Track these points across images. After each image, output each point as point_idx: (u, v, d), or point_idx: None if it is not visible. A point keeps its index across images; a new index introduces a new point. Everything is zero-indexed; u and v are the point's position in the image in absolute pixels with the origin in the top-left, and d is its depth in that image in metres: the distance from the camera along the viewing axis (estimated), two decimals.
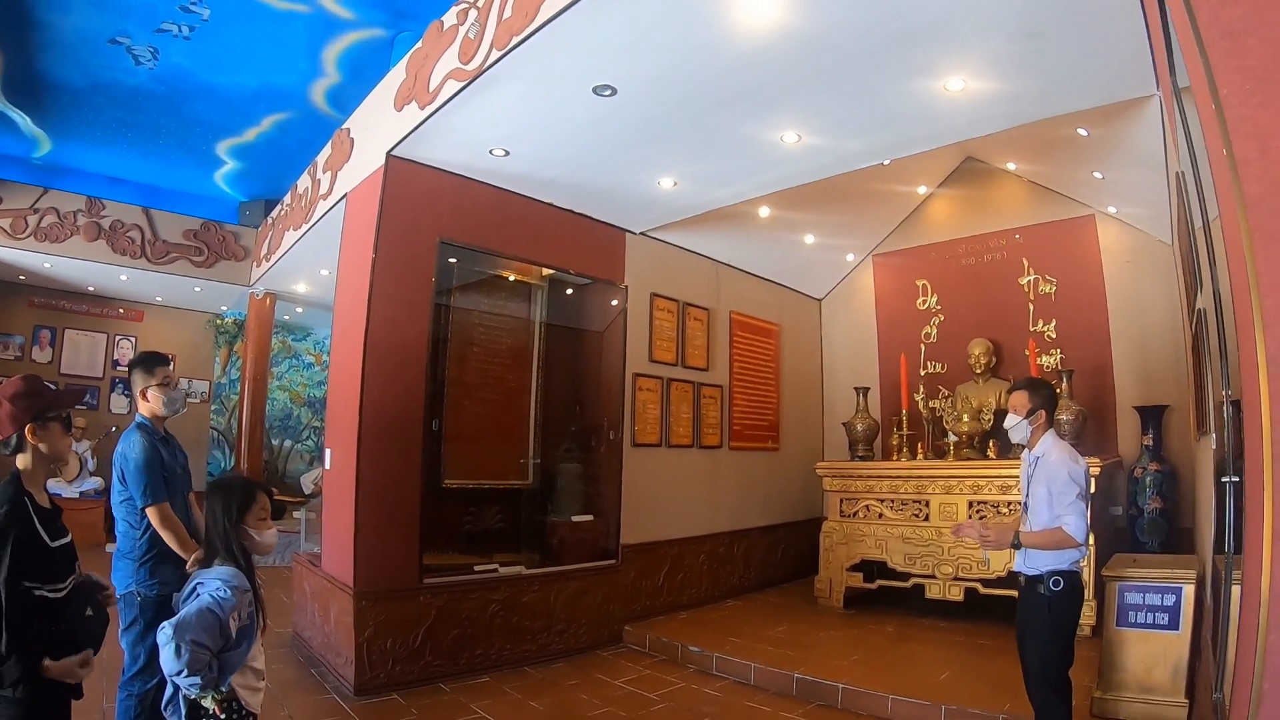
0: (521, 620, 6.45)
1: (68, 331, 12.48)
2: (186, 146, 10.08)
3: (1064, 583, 3.85)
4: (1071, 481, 3.86)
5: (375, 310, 5.87)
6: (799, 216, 8.09)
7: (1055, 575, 3.84)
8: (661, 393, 7.93)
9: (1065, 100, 5.01)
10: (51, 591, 2.63)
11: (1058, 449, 4.02)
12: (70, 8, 7.13)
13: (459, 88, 5.05)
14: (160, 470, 3.85)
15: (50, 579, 2.64)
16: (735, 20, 4.10)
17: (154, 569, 3.78)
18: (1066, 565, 3.86)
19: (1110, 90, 4.81)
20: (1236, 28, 1.88)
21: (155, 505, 3.78)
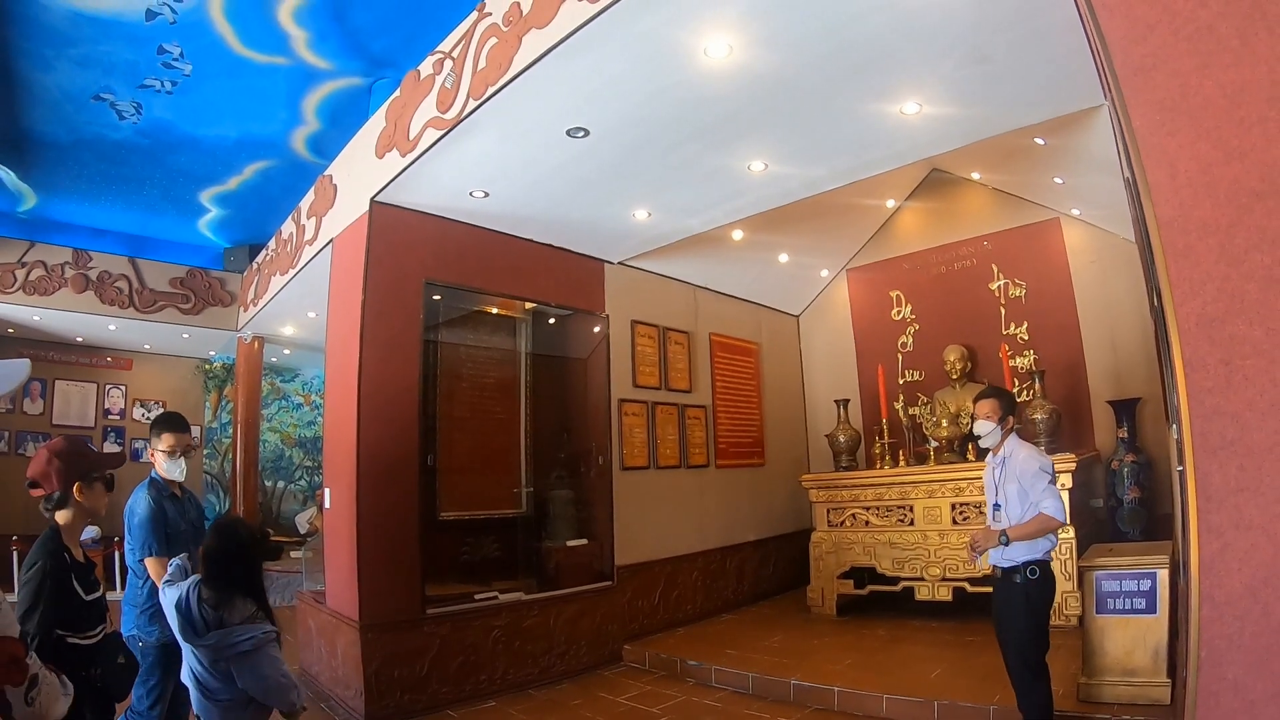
0: (523, 645, 6.60)
1: (58, 382, 12.54)
2: (170, 196, 10.19)
3: (1040, 571, 4.11)
4: (1041, 471, 4.17)
5: (367, 352, 6.03)
6: (772, 237, 8.29)
7: (1031, 565, 4.10)
8: (647, 416, 8.10)
9: (1018, 116, 5.24)
10: (83, 639, 2.79)
11: (1022, 448, 4.35)
12: (54, 66, 7.24)
13: (438, 136, 5.25)
14: (162, 526, 4.01)
15: (83, 628, 2.80)
16: (696, 63, 4.32)
17: (153, 617, 3.93)
18: (1040, 555, 4.12)
19: (1060, 103, 5.05)
20: (1146, 64, 2.13)
21: (153, 559, 3.95)
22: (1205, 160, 2.01)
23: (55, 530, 2.95)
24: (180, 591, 3.12)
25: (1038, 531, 4.09)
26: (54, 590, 2.74)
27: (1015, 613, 4.14)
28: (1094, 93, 4.68)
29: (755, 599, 9.01)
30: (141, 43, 6.81)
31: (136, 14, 6.38)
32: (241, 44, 6.80)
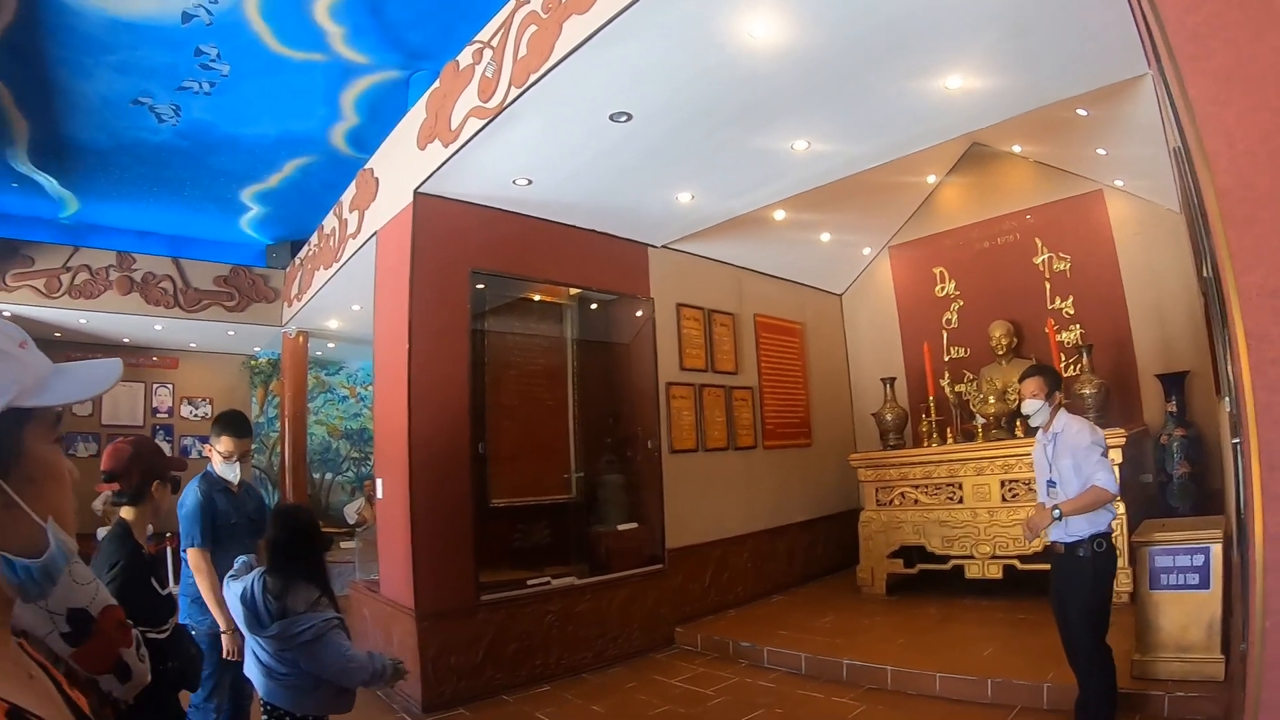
0: (577, 629, 6.65)
1: None
2: (211, 196, 10.30)
3: (1105, 544, 4.08)
4: (1094, 444, 4.13)
5: (416, 343, 6.10)
6: (814, 216, 8.23)
7: (1097, 538, 4.07)
8: (694, 399, 8.12)
9: (1059, 88, 5.17)
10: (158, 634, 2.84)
11: (1074, 421, 4.31)
12: (92, 73, 7.33)
13: (481, 125, 5.27)
14: (209, 519, 4.07)
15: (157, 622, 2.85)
16: (739, 44, 4.30)
17: (203, 607, 4.02)
18: (1104, 528, 4.08)
19: (1103, 74, 4.97)
20: (1201, 31, 2.08)
21: (195, 549, 4.02)
22: (1265, 129, 1.96)
23: (126, 526, 3.00)
24: (245, 584, 3.18)
25: (1090, 505, 4.06)
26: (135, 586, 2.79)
27: (1081, 588, 4.10)
28: (1136, 63, 4.60)
29: (804, 580, 9.00)
30: (178, 46, 6.87)
31: (173, 18, 6.44)
32: (278, 42, 6.83)
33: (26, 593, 0.94)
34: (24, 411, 0.93)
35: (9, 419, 0.91)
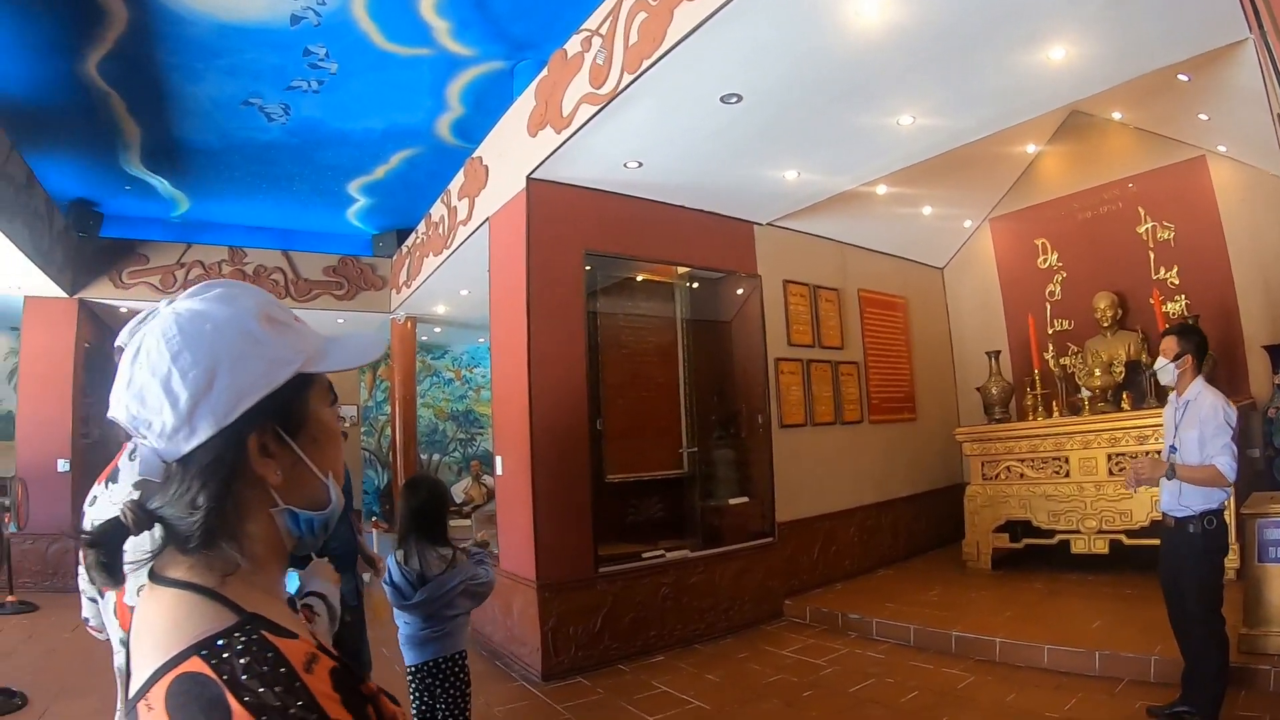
0: (690, 601, 6.81)
1: None
2: (319, 190, 10.60)
3: (1216, 521, 4.02)
4: (1225, 425, 4.02)
5: (534, 325, 6.29)
6: (915, 190, 8.19)
7: (1209, 514, 4.01)
8: (802, 374, 8.19)
9: (1161, 54, 5.08)
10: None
11: (1209, 393, 4.18)
12: (203, 77, 7.57)
13: (594, 111, 5.39)
14: None
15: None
16: (846, 23, 4.34)
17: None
18: (1217, 505, 4.03)
19: (1204, 40, 4.88)
20: None
21: None
22: None
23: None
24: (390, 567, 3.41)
25: (1204, 482, 4.00)
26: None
27: (1194, 563, 4.07)
28: (1237, 28, 4.53)
29: (909, 554, 9.02)
30: (287, 47, 7.06)
31: (281, 20, 6.62)
32: (385, 39, 7.00)
33: (302, 544, 1.04)
34: (308, 377, 1.02)
35: (297, 384, 0.99)
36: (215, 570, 0.91)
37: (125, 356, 0.95)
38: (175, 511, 0.92)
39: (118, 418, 0.95)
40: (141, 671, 0.83)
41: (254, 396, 0.94)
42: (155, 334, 0.93)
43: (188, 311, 0.95)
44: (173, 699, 0.77)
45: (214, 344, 0.93)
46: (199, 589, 0.89)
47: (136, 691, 0.82)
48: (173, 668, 0.79)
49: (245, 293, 1.02)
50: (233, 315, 0.96)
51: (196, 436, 0.91)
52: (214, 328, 0.94)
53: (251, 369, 0.94)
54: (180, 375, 0.90)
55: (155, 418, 0.91)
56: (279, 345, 0.99)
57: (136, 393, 0.92)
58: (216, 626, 0.83)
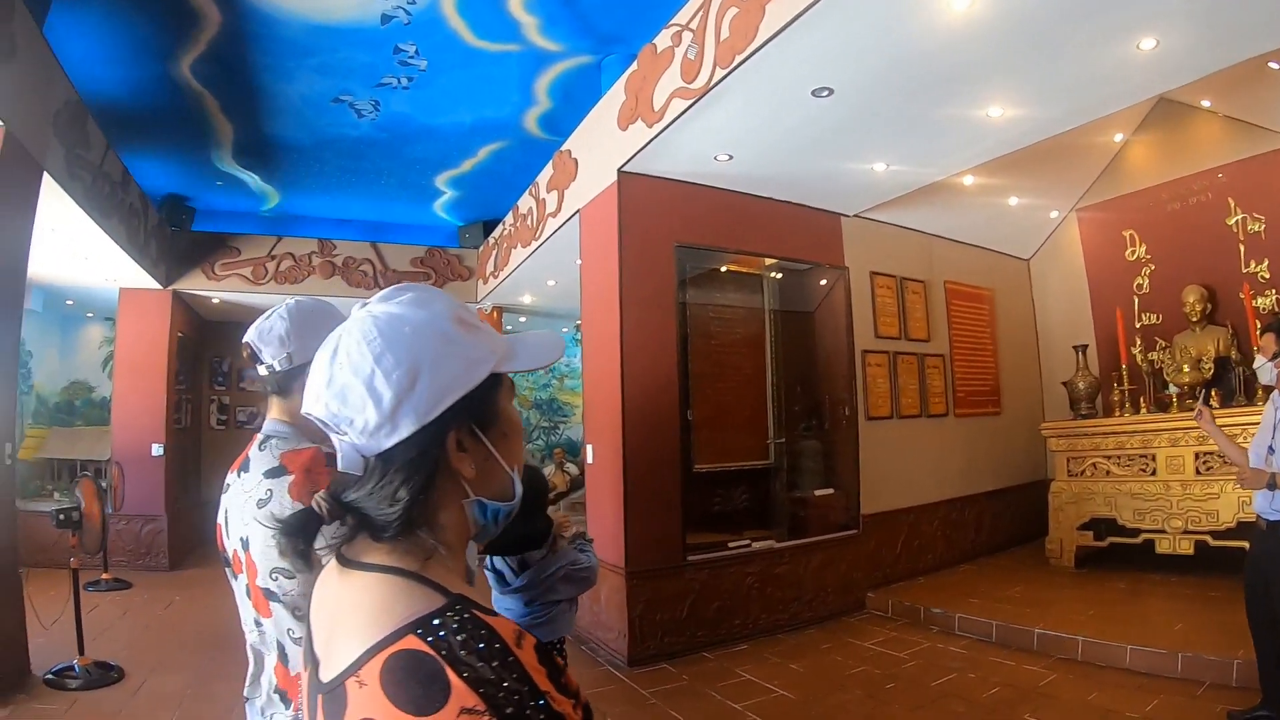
0: (774, 591, 6.86)
1: None
2: (407, 183, 10.82)
3: None
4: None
5: (627, 316, 6.39)
6: (1001, 180, 8.10)
7: None
8: (889, 366, 8.18)
9: (1253, 43, 4.93)
10: None
11: None
12: (295, 76, 7.77)
13: (685, 106, 5.45)
14: None
15: None
16: (936, 15, 4.33)
17: None
18: None
19: None
20: None
21: None
22: None
23: None
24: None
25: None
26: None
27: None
28: None
29: (992, 550, 8.94)
30: (378, 45, 7.21)
31: (372, 19, 6.77)
32: (475, 36, 7.11)
33: (485, 532, 1.10)
34: (498, 376, 1.07)
35: (489, 383, 1.04)
36: (415, 556, 0.97)
37: (321, 357, 1.02)
38: (375, 503, 0.99)
39: (316, 414, 1.01)
40: (346, 650, 0.89)
41: (454, 395, 1.00)
42: (355, 336, 1.00)
43: (385, 315, 1.02)
44: (389, 675, 0.83)
45: (414, 345, 0.99)
46: (403, 573, 0.95)
47: (345, 669, 0.88)
48: (387, 646, 0.85)
49: (437, 296, 1.08)
50: (429, 318, 1.03)
51: (398, 433, 0.97)
52: (413, 330, 1.00)
53: (451, 369, 1.01)
54: (384, 375, 0.96)
55: (358, 415, 0.97)
56: (473, 346, 1.05)
57: (338, 392, 0.98)
58: (429, 607, 0.88)
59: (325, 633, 0.98)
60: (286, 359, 1.91)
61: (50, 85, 6.30)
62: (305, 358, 1.85)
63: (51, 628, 6.29)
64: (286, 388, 1.94)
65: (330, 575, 1.03)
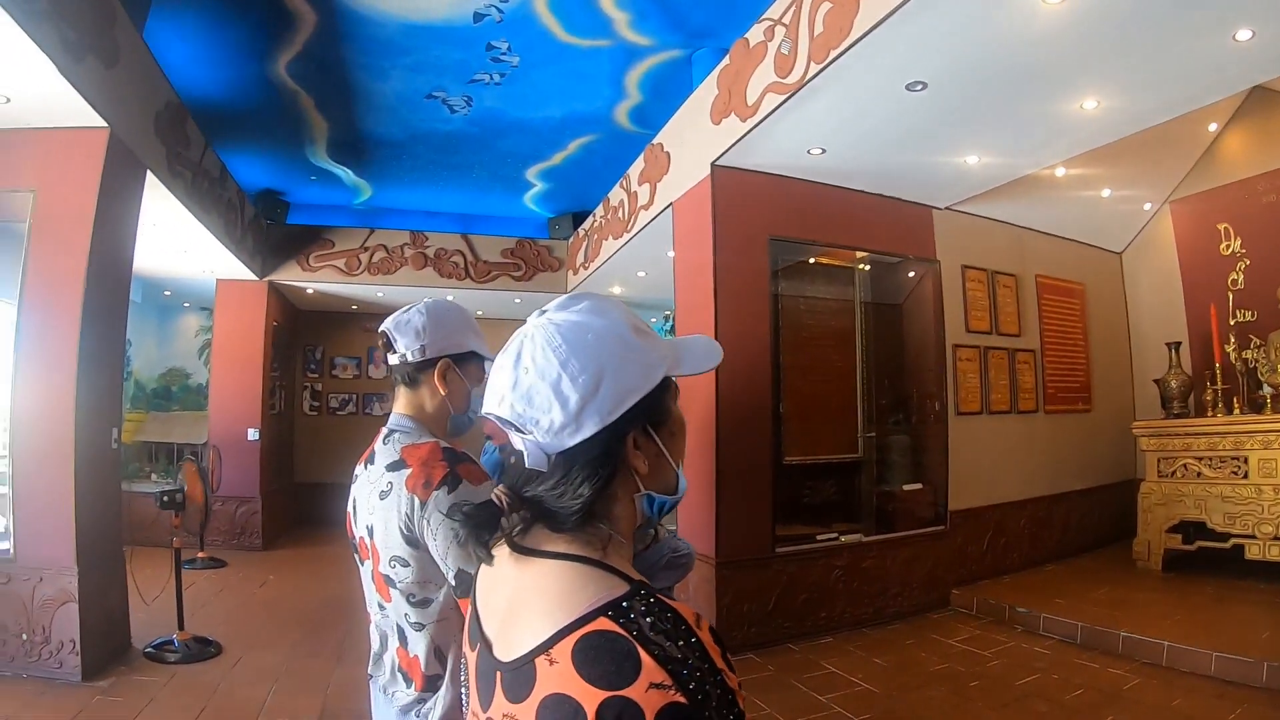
0: (860, 585, 6.88)
1: None
2: (498, 176, 11.06)
3: None
4: None
5: (721, 308, 6.46)
6: (1093, 171, 7.97)
7: None
8: (979, 361, 8.10)
9: None
10: None
11: None
12: (389, 75, 8.03)
13: (779, 101, 5.49)
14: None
15: None
16: (1032, 8, 4.28)
17: None
18: None
19: None
20: None
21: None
22: None
23: None
24: None
25: None
26: None
27: None
28: None
29: (1079, 550, 8.77)
30: (470, 43, 7.40)
31: (464, 18, 6.95)
32: (566, 32, 7.25)
33: (648, 522, 1.20)
34: (667, 379, 1.15)
35: (661, 386, 1.12)
36: (595, 545, 1.06)
37: (504, 361, 1.11)
38: (557, 496, 1.08)
39: (500, 414, 1.10)
40: (531, 632, 0.98)
41: (634, 398, 1.08)
42: (539, 342, 1.08)
43: (566, 323, 1.10)
44: (581, 653, 0.91)
45: (598, 351, 1.07)
46: (587, 560, 1.03)
47: (534, 648, 0.96)
48: (580, 627, 0.93)
49: (613, 305, 1.16)
50: (609, 325, 1.11)
51: (582, 433, 1.05)
52: (595, 337, 1.08)
53: (631, 373, 1.09)
54: (570, 379, 1.05)
55: (543, 416, 1.05)
56: (649, 351, 1.12)
57: (524, 394, 1.06)
58: (616, 592, 0.97)
59: (500, 616, 1.08)
60: (420, 350, 2.02)
61: (151, 88, 6.62)
62: (437, 351, 2.02)
63: (153, 604, 6.61)
64: (415, 379, 2.06)
65: (505, 563, 1.11)
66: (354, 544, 2.05)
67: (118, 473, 6.58)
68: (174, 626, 6.35)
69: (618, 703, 0.87)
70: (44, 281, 5.74)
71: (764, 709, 5.19)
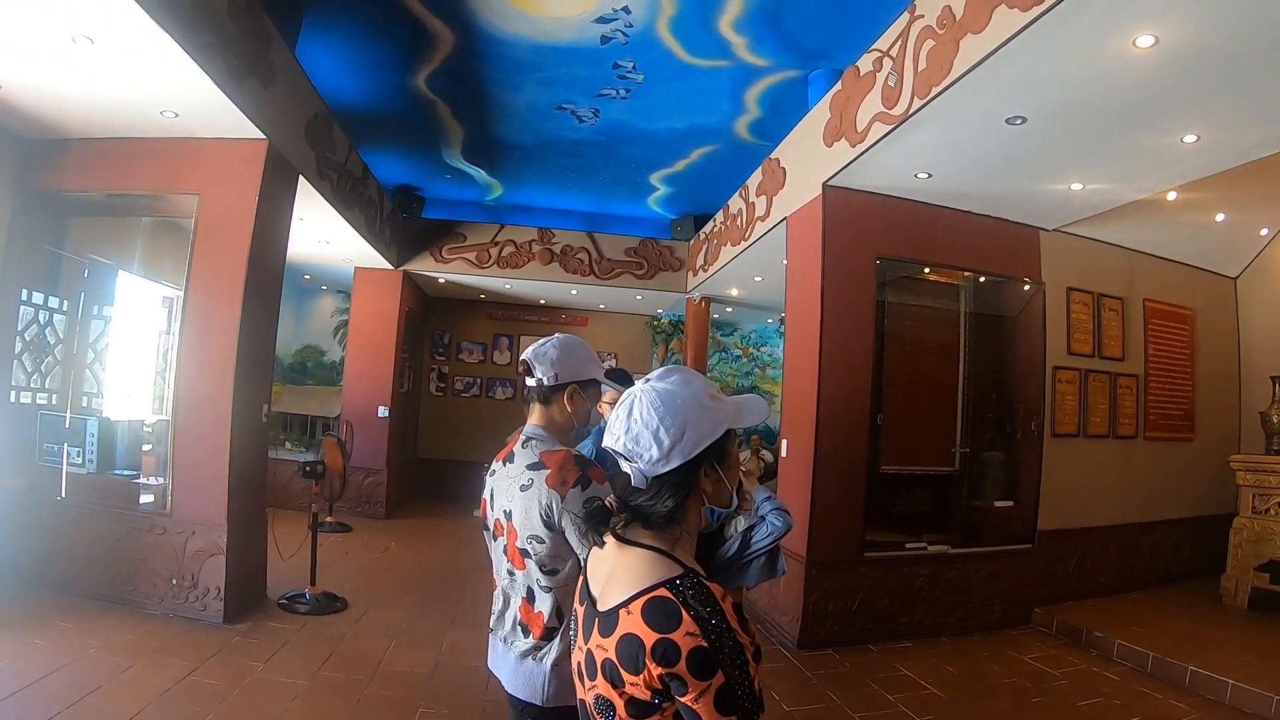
0: (942, 595, 7.10)
1: (522, 337, 15.05)
2: (623, 180, 11.51)
3: None
4: None
5: (827, 321, 6.80)
6: (1207, 195, 7.73)
7: None
8: (1079, 384, 8.10)
9: None
10: None
11: None
12: (521, 89, 8.56)
13: (886, 130, 5.76)
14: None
15: None
16: (1124, 54, 4.39)
17: None
18: None
19: None
20: None
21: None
22: None
23: None
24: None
25: None
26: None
27: None
28: None
29: (1168, 580, 8.62)
30: (598, 62, 7.83)
31: (592, 40, 7.38)
32: (687, 54, 7.55)
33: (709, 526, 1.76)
34: (731, 430, 1.61)
35: (725, 435, 1.57)
36: (668, 540, 1.54)
37: (619, 413, 1.57)
38: (650, 505, 1.54)
39: (615, 449, 1.57)
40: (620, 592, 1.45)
41: (706, 443, 1.53)
42: (645, 402, 1.53)
43: (663, 390, 1.54)
44: (647, 608, 1.38)
45: (684, 411, 1.52)
46: (660, 551, 1.51)
47: (620, 603, 1.43)
48: (648, 593, 1.40)
49: (695, 378, 1.61)
50: (692, 394, 1.55)
51: (670, 465, 1.50)
52: (683, 401, 1.53)
53: (705, 427, 1.53)
54: (665, 429, 1.50)
55: (645, 453, 1.51)
56: (719, 412, 1.57)
57: (634, 436, 1.52)
58: (674, 572, 1.44)
59: (603, 582, 1.55)
60: (554, 377, 2.52)
61: (303, 100, 7.34)
62: (568, 378, 2.56)
63: (288, 560, 7.31)
64: (548, 399, 2.56)
65: (610, 547, 1.60)
66: (487, 525, 2.59)
67: (265, 443, 7.37)
68: (306, 582, 7.07)
69: (665, 643, 1.33)
70: (209, 273, 6.51)
71: (833, 700, 5.53)
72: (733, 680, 1.33)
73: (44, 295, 7.12)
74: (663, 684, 1.34)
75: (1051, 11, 4.01)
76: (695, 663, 1.31)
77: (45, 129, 6.52)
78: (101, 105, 6.02)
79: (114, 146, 6.64)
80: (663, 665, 1.33)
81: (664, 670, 1.33)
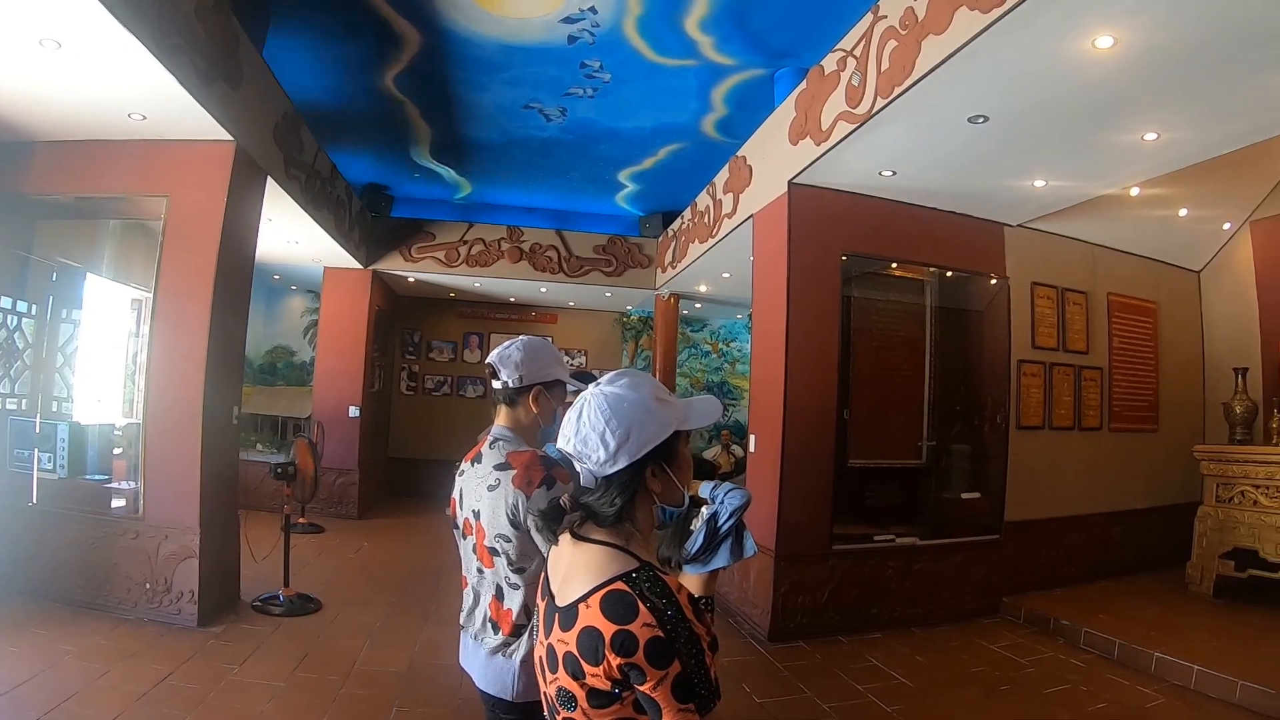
0: (912, 586, 7.18)
1: (492, 335, 14.91)
2: (591, 178, 11.55)
3: None
4: None
5: (793, 317, 6.84)
6: (1170, 190, 7.77)
7: None
8: (1044, 377, 8.17)
9: None
10: None
11: None
12: (488, 88, 8.58)
13: (850, 129, 5.81)
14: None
15: None
16: (1085, 55, 4.43)
17: None
18: None
19: None
20: None
21: None
22: None
23: None
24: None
25: None
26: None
27: None
28: None
29: (1135, 569, 8.71)
30: (565, 61, 7.87)
31: (559, 40, 7.43)
32: (654, 53, 7.60)
33: (662, 525, 1.74)
34: (679, 432, 1.67)
35: (672, 437, 1.63)
36: (622, 536, 1.60)
37: (571, 415, 1.63)
38: (600, 504, 1.61)
39: (566, 450, 1.64)
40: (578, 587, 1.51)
41: (651, 444, 1.59)
42: (593, 405, 1.59)
43: (611, 393, 1.61)
44: (605, 601, 1.44)
45: (630, 414, 1.58)
46: (615, 546, 1.57)
47: (578, 598, 1.49)
48: (605, 586, 1.47)
49: (644, 382, 1.67)
50: (639, 397, 1.62)
51: (616, 466, 1.58)
52: (629, 405, 1.59)
53: (651, 429, 1.60)
54: (611, 432, 1.56)
55: (593, 454, 1.58)
56: (665, 414, 1.63)
57: (582, 438, 1.59)
58: (630, 566, 1.50)
59: (561, 577, 1.61)
60: (518, 379, 2.57)
61: (270, 102, 7.31)
62: (532, 380, 2.61)
63: (261, 562, 7.30)
64: (514, 400, 2.61)
65: (566, 544, 1.67)
66: (456, 524, 2.63)
67: (236, 445, 7.35)
68: (280, 583, 7.04)
69: (623, 634, 1.39)
70: (178, 275, 6.46)
71: (805, 692, 5.59)
72: (689, 669, 1.39)
73: (11, 300, 7.03)
74: (622, 674, 1.40)
75: (1012, 13, 4.06)
76: (652, 652, 1.37)
77: (11, 131, 6.44)
78: (69, 108, 5.96)
79: (82, 149, 6.57)
80: (622, 655, 1.38)
81: (623, 660, 1.38)
